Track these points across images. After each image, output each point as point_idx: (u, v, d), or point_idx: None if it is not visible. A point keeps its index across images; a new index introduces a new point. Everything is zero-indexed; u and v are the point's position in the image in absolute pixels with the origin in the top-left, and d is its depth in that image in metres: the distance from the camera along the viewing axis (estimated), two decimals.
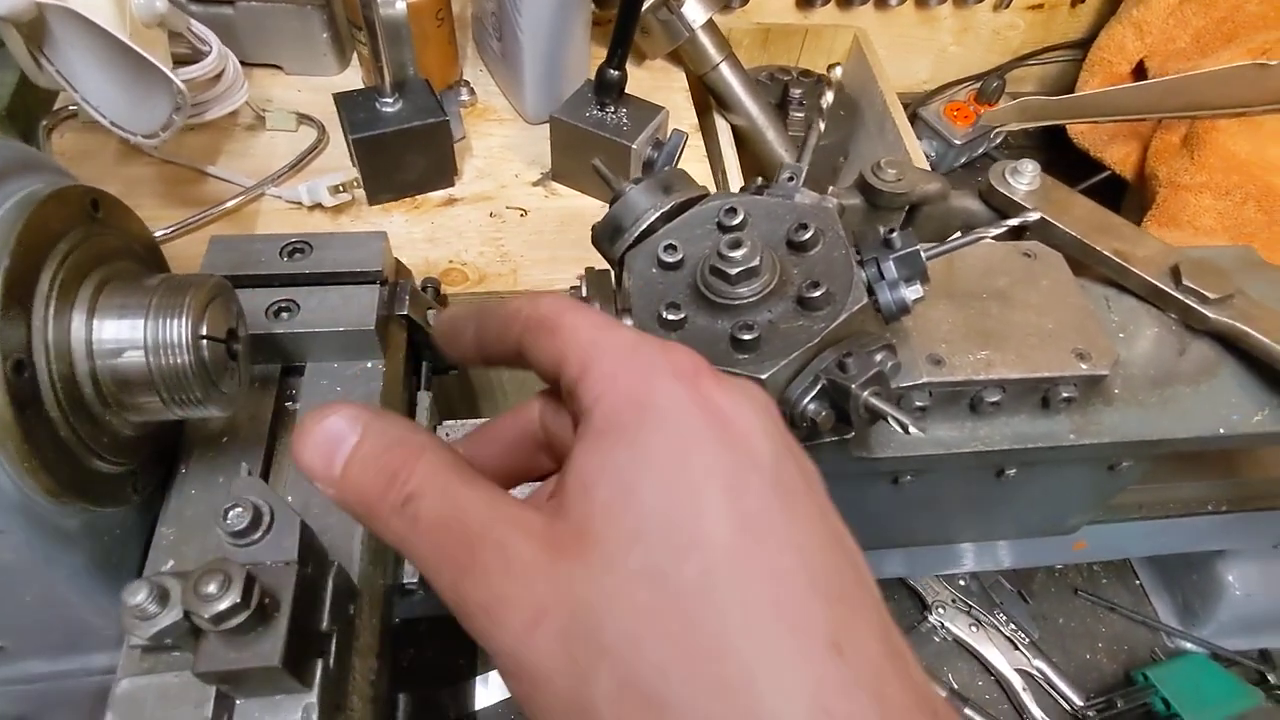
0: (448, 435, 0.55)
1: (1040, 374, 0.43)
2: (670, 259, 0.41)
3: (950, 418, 0.45)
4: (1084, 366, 0.43)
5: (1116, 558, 0.92)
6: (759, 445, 0.22)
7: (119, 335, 0.35)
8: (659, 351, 0.24)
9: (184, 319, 0.36)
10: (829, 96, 0.47)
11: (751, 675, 0.18)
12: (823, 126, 0.47)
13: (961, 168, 1.19)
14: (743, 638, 0.19)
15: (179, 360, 0.36)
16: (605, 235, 0.45)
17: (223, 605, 0.28)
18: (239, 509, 0.32)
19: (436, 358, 0.58)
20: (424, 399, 0.55)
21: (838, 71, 0.48)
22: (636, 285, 0.42)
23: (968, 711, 0.79)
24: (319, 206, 0.68)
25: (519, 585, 0.21)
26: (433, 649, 0.73)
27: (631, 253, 0.43)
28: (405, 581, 0.46)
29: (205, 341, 0.37)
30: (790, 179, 0.45)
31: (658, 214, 0.43)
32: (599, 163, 0.47)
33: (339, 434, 0.23)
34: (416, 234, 0.69)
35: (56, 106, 0.72)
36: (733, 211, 0.41)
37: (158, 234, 0.65)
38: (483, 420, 0.42)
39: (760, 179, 0.46)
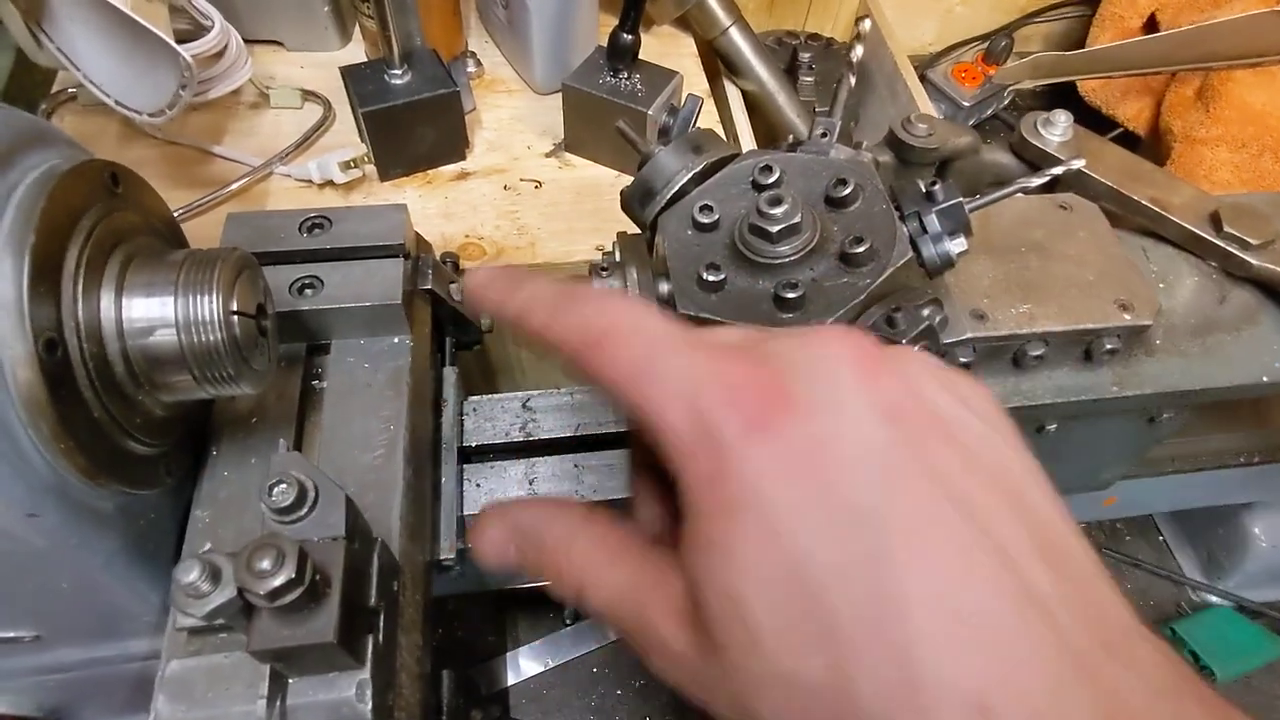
0: (475, 410, 0.54)
1: (1083, 326, 0.42)
2: (706, 220, 0.40)
3: (993, 373, 0.44)
4: (1127, 317, 0.42)
5: (1146, 512, 0.92)
6: (853, 460, 0.19)
7: (149, 314, 0.34)
8: (720, 394, 0.20)
9: (214, 295, 0.35)
10: (858, 51, 0.46)
11: None
12: (853, 81, 0.46)
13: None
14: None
15: (211, 337, 0.35)
16: (636, 199, 0.44)
17: (277, 581, 0.27)
18: (284, 485, 0.31)
19: (460, 332, 0.57)
20: (450, 374, 0.54)
21: (866, 24, 0.46)
22: (672, 248, 0.41)
23: None
24: (330, 184, 0.67)
25: (683, 672, 0.22)
26: (463, 628, 0.73)
27: (664, 216, 0.42)
28: (442, 558, 0.46)
29: (236, 317, 0.36)
30: (824, 135, 0.43)
31: (690, 175, 0.42)
32: (624, 124, 0.46)
33: (499, 544, 0.26)
34: (431, 209, 0.68)
35: (56, 89, 0.70)
36: (768, 169, 0.40)
37: None
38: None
39: (792, 137, 0.45)
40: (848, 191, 0.39)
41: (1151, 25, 1.05)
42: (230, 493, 0.41)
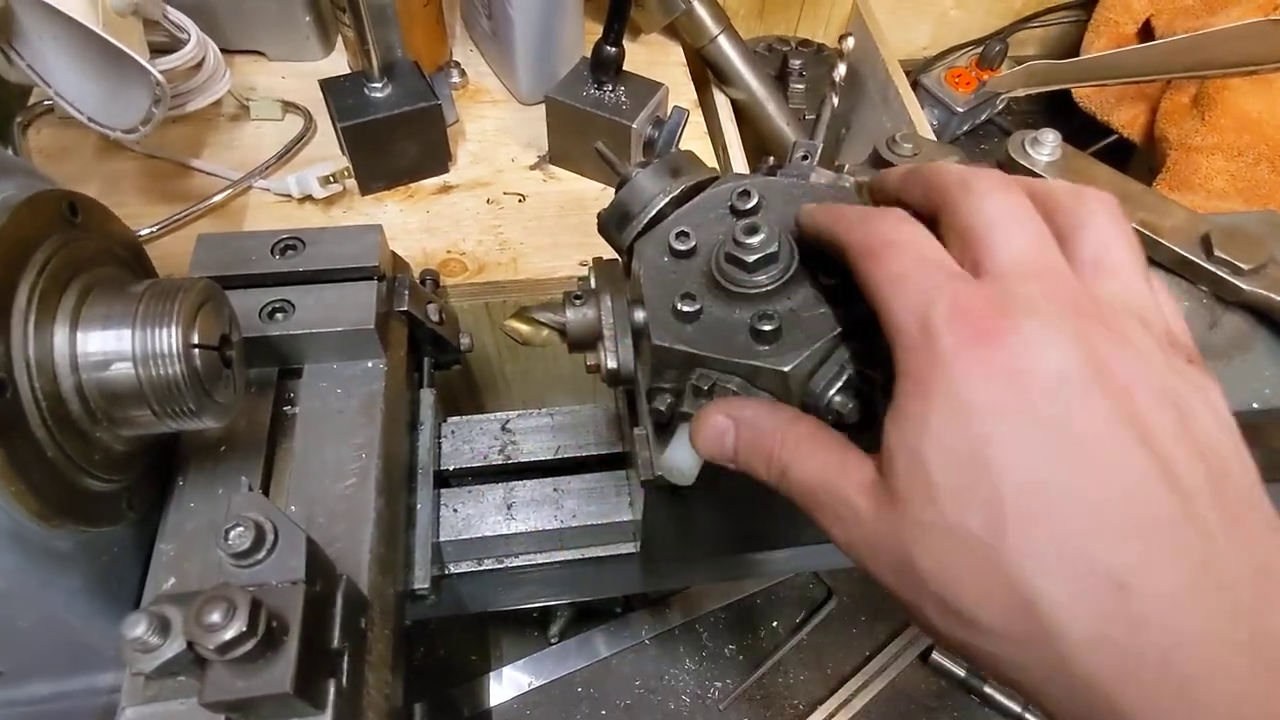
0: (453, 432, 0.53)
1: None
2: (682, 246, 0.39)
3: None
4: None
5: None
6: (1047, 385, 0.23)
7: (105, 347, 0.33)
8: (949, 312, 0.25)
9: (173, 327, 0.34)
10: (841, 69, 0.45)
11: (1037, 609, 0.22)
12: (835, 101, 0.45)
13: (965, 135, 1.16)
14: (1032, 577, 0.22)
15: (170, 371, 0.34)
16: (613, 222, 0.43)
17: (228, 635, 0.26)
18: (240, 528, 0.30)
19: (439, 352, 0.56)
20: (427, 396, 0.53)
21: (849, 42, 0.46)
22: (648, 275, 0.40)
23: (987, 689, 0.78)
24: (309, 198, 0.66)
25: (860, 531, 0.26)
26: (444, 647, 0.72)
27: (641, 240, 0.41)
28: (416, 588, 0.45)
29: (197, 350, 0.35)
30: (804, 157, 0.42)
31: (667, 199, 0.41)
32: (602, 145, 0.45)
33: (721, 429, 0.31)
34: (412, 224, 0.67)
35: (31, 102, 0.69)
36: (746, 194, 0.39)
37: (143, 232, 0.63)
38: None
39: (772, 159, 0.44)
40: None
41: (1147, 31, 1.04)
42: (197, 525, 0.40)
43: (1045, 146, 0.48)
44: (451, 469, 0.52)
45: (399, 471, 0.47)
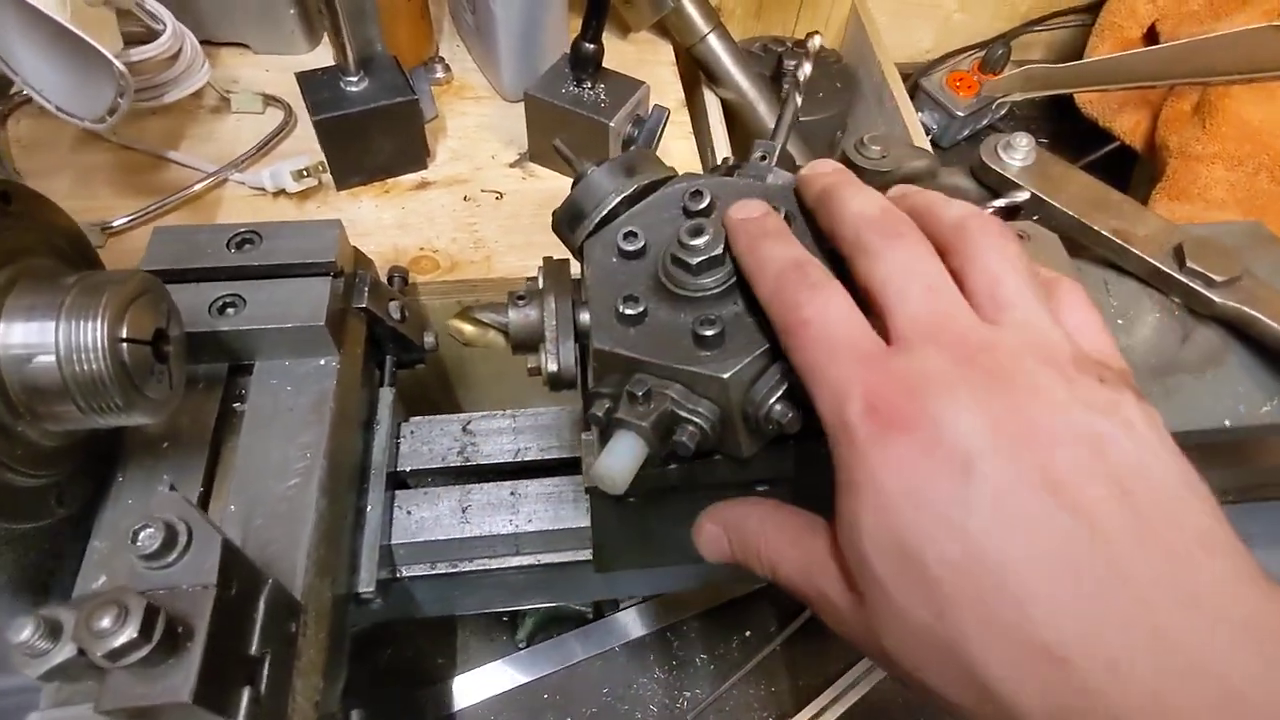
0: (412, 433, 0.52)
1: None
2: (630, 247, 0.38)
3: None
4: None
5: None
6: (956, 463, 0.24)
7: (28, 339, 0.33)
8: (859, 406, 0.26)
9: (99, 320, 0.33)
10: (806, 68, 0.44)
11: (990, 688, 0.23)
12: (799, 100, 0.44)
13: (965, 140, 1.14)
14: (977, 655, 0.23)
15: (94, 366, 0.33)
16: (565, 221, 0.42)
17: (119, 641, 0.26)
18: (150, 529, 0.30)
19: (400, 352, 0.55)
20: (386, 395, 0.52)
21: (816, 41, 0.44)
22: (595, 276, 0.39)
23: None
24: (283, 192, 0.65)
25: (845, 626, 0.28)
26: (411, 648, 0.71)
27: (591, 241, 0.40)
28: (360, 590, 0.44)
29: (125, 345, 0.34)
30: (763, 158, 0.41)
31: (620, 198, 0.40)
32: (560, 143, 0.44)
33: (715, 538, 0.34)
34: (386, 219, 0.66)
35: (11, 91, 0.69)
36: (698, 195, 0.38)
37: (116, 224, 0.63)
38: None
39: (731, 158, 0.43)
40: None
41: (1151, 36, 1.02)
42: (132, 523, 0.40)
43: (1018, 151, 0.47)
44: (409, 470, 0.51)
45: (347, 472, 0.46)
